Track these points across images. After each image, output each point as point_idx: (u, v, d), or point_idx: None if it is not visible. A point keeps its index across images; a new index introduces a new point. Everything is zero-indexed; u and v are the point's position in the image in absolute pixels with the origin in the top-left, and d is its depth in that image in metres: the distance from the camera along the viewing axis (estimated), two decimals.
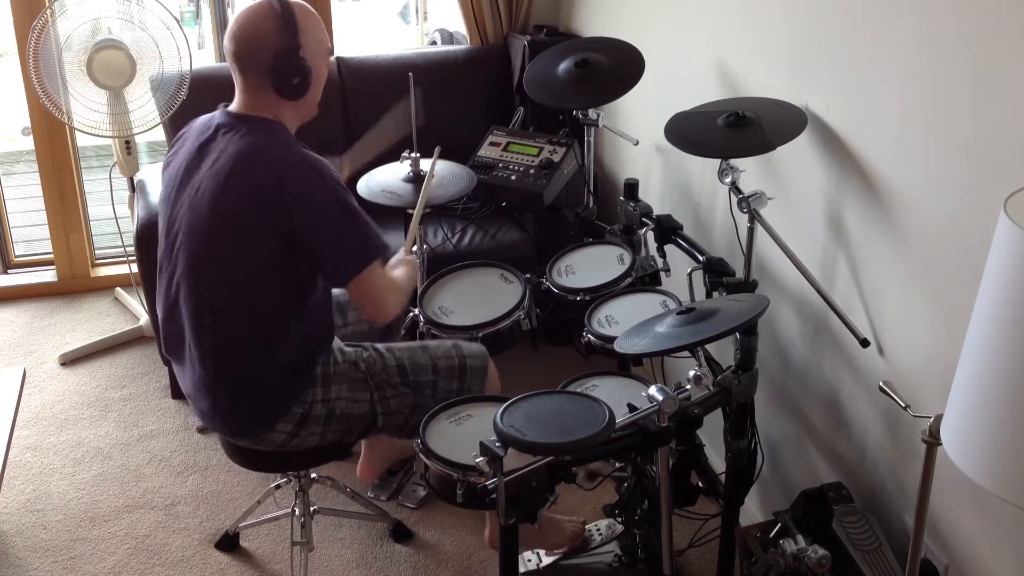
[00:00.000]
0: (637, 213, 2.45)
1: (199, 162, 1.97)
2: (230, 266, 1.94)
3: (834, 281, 2.04)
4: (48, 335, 3.60)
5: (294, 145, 1.95)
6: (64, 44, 3.09)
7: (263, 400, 2.02)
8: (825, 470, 2.16)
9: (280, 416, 2.03)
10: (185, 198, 1.97)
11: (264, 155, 1.90)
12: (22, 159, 5.82)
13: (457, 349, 2.20)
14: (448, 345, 2.21)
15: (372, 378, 2.10)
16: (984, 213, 1.57)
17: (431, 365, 2.16)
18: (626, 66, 2.52)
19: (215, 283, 1.96)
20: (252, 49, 1.92)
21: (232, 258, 1.94)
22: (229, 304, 1.97)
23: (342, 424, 2.09)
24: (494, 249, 3.15)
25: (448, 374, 2.15)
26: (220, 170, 1.91)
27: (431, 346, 2.21)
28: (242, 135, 1.93)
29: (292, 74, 1.93)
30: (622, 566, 2.28)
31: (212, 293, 1.97)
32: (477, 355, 2.20)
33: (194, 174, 1.97)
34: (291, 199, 1.87)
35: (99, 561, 2.47)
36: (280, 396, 2.02)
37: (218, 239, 1.93)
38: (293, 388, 2.03)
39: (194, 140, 2.02)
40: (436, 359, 2.17)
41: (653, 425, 1.77)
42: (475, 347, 2.23)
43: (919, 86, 1.70)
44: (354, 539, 2.55)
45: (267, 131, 1.95)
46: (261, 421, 2.03)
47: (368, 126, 3.49)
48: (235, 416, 2.04)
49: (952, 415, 1.14)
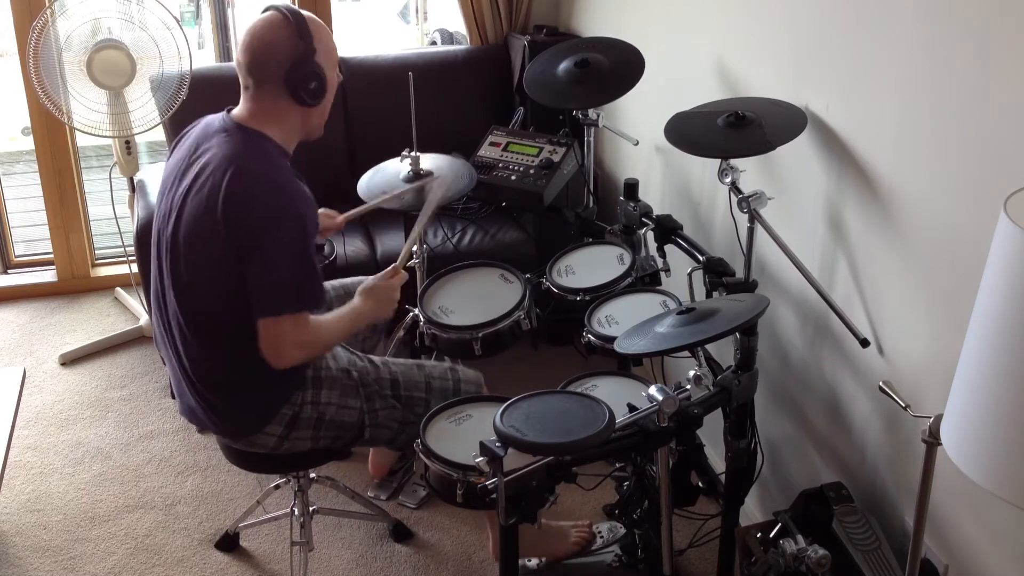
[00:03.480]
0: (637, 213, 2.45)
1: (191, 163, 1.97)
2: (202, 269, 1.93)
3: (834, 281, 2.04)
4: (48, 335, 3.60)
5: (276, 167, 1.92)
6: (64, 44, 3.09)
7: (248, 401, 2.02)
8: (825, 470, 2.16)
9: (268, 418, 2.02)
10: (174, 196, 1.97)
11: (240, 167, 1.88)
12: (22, 159, 5.82)
13: (453, 372, 2.20)
14: (444, 367, 2.21)
15: (364, 387, 2.10)
16: (984, 213, 1.57)
17: (425, 383, 2.15)
18: (626, 66, 2.52)
19: (189, 285, 1.95)
20: (268, 58, 1.92)
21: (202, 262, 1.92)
22: (205, 307, 1.96)
23: (331, 430, 2.09)
24: (494, 249, 3.15)
25: (442, 394, 2.14)
26: (200, 176, 1.91)
27: (427, 365, 2.21)
28: (232, 143, 1.92)
29: (309, 79, 1.94)
30: (622, 566, 2.28)
31: (188, 296, 1.95)
32: (472, 380, 2.20)
33: (187, 174, 1.97)
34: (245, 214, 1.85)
35: (99, 561, 2.47)
36: (266, 397, 2.01)
37: (190, 244, 1.92)
38: (280, 389, 2.02)
39: (195, 140, 2.02)
40: (431, 378, 2.17)
41: (653, 425, 1.77)
42: (471, 373, 2.22)
43: (919, 86, 1.70)
44: (354, 539, 2.55)
45: (256, 146, 1.93)
46: (249, 422, 2.03)
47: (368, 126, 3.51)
48: (222, 416, 2.05)
49: (952, 415, 1.14)
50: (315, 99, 1.97)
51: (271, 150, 1.95)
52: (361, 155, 3.48)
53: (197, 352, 1.99)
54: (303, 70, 1.93)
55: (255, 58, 1.93)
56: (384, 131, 3.05)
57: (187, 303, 1.96)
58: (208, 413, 2.04)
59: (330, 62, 2.00)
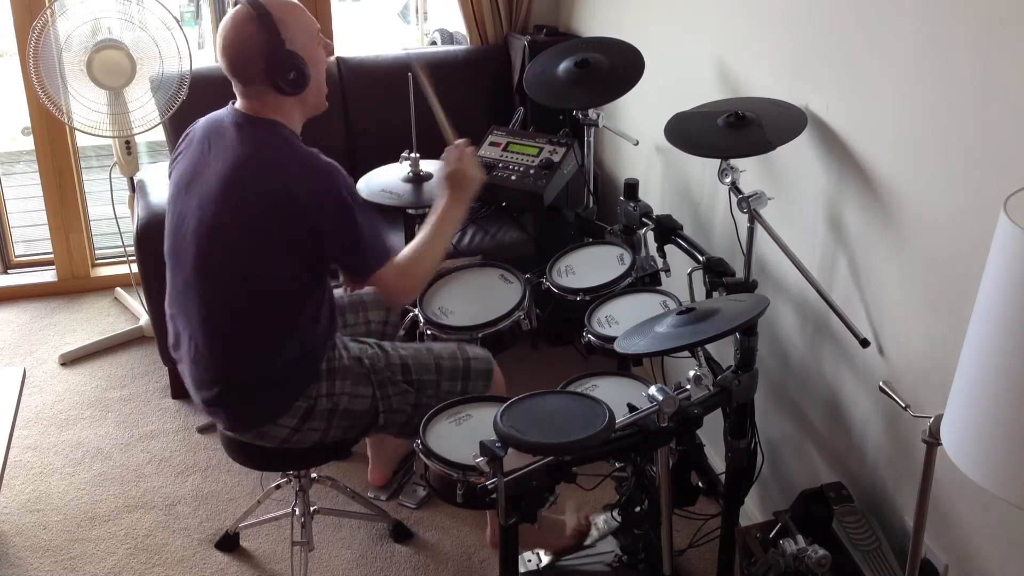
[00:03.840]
0: (637, 213, 2.45)
1: (209, 159, 1.99)
2: (237, 266, 1.97)
3: (834, 281, 2.04)
4: (48, 335, 3.60)
5: (299, 147, 1.96)
6: (64, 44, 3.09)
7: (267, 394, 2.03)
8: (825, 470, 2.16)
9: (284, 410, 2.04)
10: (194, 195, 1.99)
11: (269, 158, 1.93)
12: (22, 159, 5.82)
13: (462, 351, 2.21)
14: (452, 347, 2.22)
15: (375, 374, 2.11)
16: (984, 213, 1.57)
17: (434, 365, 2.16)
18: (626, 66, 2.52)
19: (223, 281, 1.98)
20: (242, 59, 1.94)
21: (239, 257, 1.96)
22: (237, 302, 1.99)
23: (344, 420, 2.10)
24: (494, 249, 3.15)
25: (451, 374, 2.15)
26: (227, 171, 1.93)
27: (435, 347, 2.21)
28: (249, 136, 1.95)
29: (286, 70, 1.94)
30: (622, 566, 2.28)
31: (221, 291, 1.99)
32: (481, 358, 2.21)
33: (205, 171, 1.98)
34: (301, 201, 1.89)
35: (99, 561, 2.47)
36: (284, 391, 2.03)
37: (226, 239, 1.95)
38: (297, 383, 2.04)
39: (203, 137, 2.04)
40: (440, 359, 2.17)
41: (653, 425, 1.77)
42: (479, 350, 2.23)
43: (919, 86, 1.70)
44: (354, 539, 2.55)
45: (273, 133, 1.96)
46: (264, 415, 2.04)
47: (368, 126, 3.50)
48: (239, 409, 2.06)
49: (952, 415, 1.14)
50: (297, 87, 1.96)
51: (286, 133, 1.98)
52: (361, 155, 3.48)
53: (220, 346, 2.01)
54: (278, 64, 1.93)
55: (231, 61, 1.95)
56: (384, 131, 3.04)
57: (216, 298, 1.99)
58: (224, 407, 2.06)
59: (306, 41, 1.97)
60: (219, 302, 2.00)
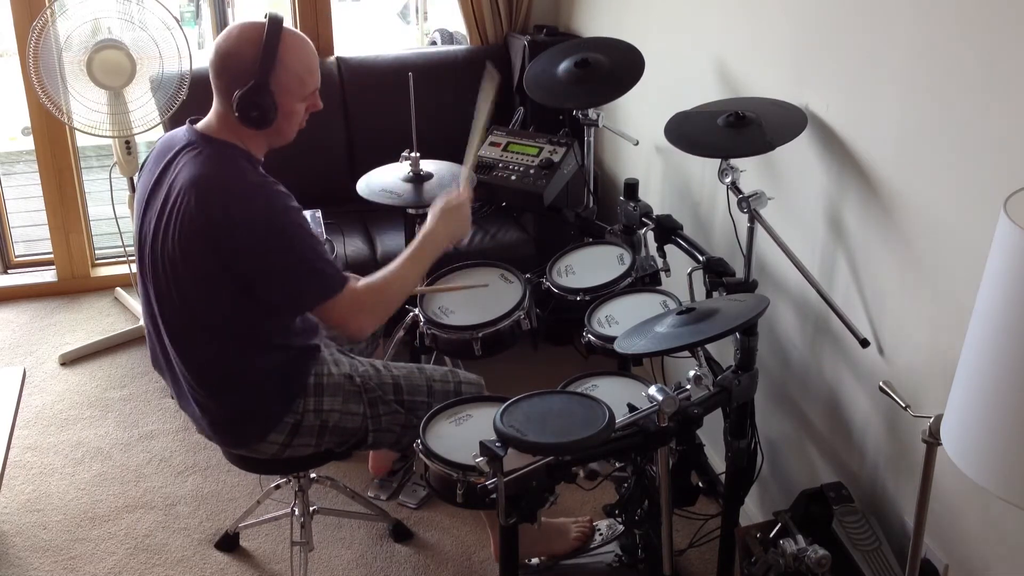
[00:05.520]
0: (637, 213, 2.45)
1: (160, 182, 1.93)
2: (191, 290, 1.90)
3: (834, 281, 2.04)
4: (48, 335, 3.60)
5: (247, 171, 1.88)
6: (64, 44, 3.09)
7: (251, 411, 2.02)
8: (825, 470, 2.16)
9: (271, 427, 2.02)
10: (149, 218, 1.93)
11: (215, 184, 1.85)
12: (22, 159, 5.82)
13: (454, 374, 2.20)
14: (444, 370, 2.21)
15: (367, 393, 2.10)
16: (984, 213, 1.57)
17: (426, 387, 2.15)
18: (626, 66, 2.52)
19: (179, 307, 1.93)
20: (224, 69, 1.88)
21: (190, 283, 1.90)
22: (197, 324, 1.94)
23: (335, 436, 2.09)
24: (494, 249, 3.15)
25: (443, 397, 2.13)
26: (174, 197, 1.86)
27: (427, 368, 2.21)
28: (199, 159, 1.87)
29: (253, 107, 1.85)
30: (622, 566, 2.28)
31: (179, 314, 1.94)
32: (473, 383, 2.20)
33: (157, 194, 1.93)
34: (233, 221, 1.82)
35: (99, 561, 2.47)
36: (268, 407, 2.01)
37: (176, 267, 1.88)
38: (281, 398, 2.02)
39: (158, 156, 1.98)
40: (432, 381, 2.17)
41: (653, 425, 1.77)
42: (472, 376, 2.22)
43: (919, 86, 1.70)
44: (354, 539, 2.55)
45: (223, 155, 1.89)
46: (252, 431, 2.03)
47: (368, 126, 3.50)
48: (225, 427, 2.05)
49: (952, 415, 1.14)
50: (254, 125, 1.87)
51: (238, 157, 1.90)
52: (361, 155, 3.48)
53: (194, 365, 1.98)
54: (249, 94, 1.84)
55: (214, 65, 1.89)
56: (384, 131, 3.05)
57: (178, 320, 1.94)
58: (210, 424, 2.04)
59: (292, 90, 1.89)
60: (183, 326, 1.95)
